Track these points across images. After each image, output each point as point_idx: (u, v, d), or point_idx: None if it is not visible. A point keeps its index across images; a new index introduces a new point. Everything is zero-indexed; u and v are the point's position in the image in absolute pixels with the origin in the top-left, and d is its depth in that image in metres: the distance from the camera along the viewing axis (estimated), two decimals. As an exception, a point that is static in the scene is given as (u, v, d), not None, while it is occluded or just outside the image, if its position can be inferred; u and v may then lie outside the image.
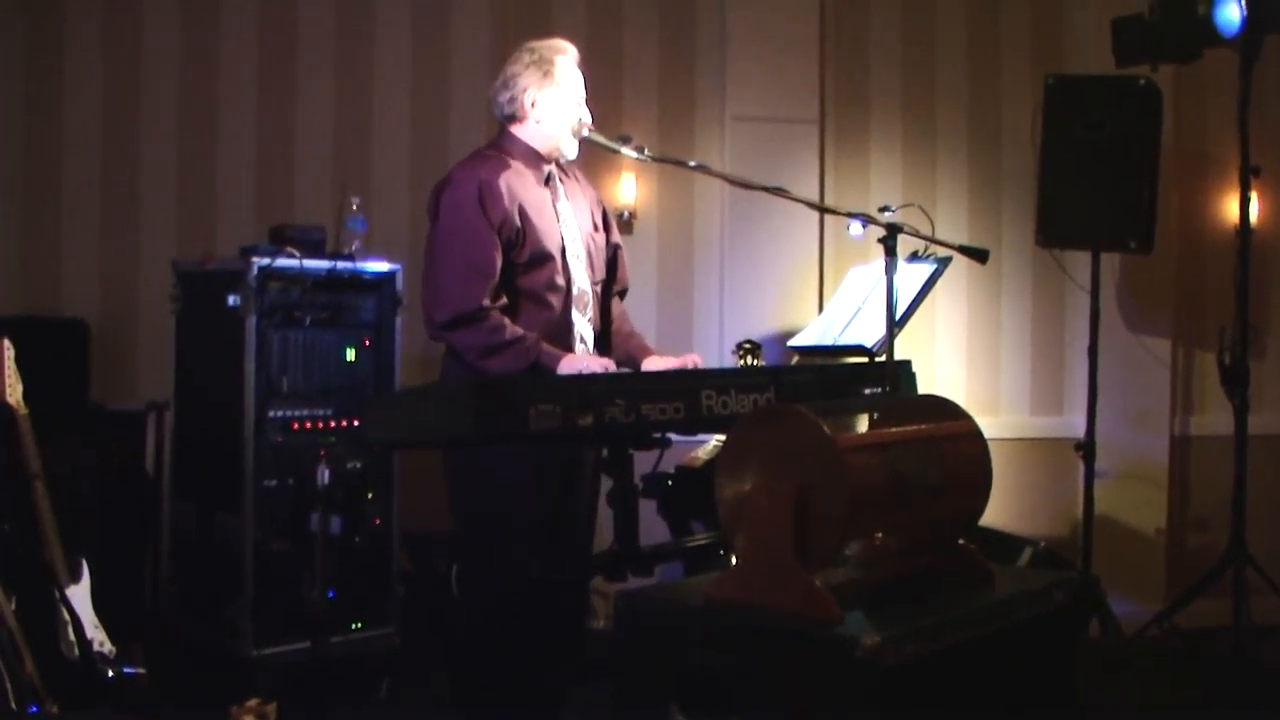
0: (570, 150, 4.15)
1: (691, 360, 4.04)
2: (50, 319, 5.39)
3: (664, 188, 6.09)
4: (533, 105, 4.10)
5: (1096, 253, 5.71)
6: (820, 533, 2.67)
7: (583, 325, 4.11)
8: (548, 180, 4.15)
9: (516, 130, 4.14)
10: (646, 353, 4.21)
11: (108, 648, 4.16)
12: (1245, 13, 5.32)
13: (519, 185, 4.03)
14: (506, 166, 4.04)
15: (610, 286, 4.34)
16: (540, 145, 4.12)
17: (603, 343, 4.23)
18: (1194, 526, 6.50)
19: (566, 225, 4.13)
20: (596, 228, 4.28)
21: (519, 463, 3.89)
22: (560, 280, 4.05)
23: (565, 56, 4.14)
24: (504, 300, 3.94)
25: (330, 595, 4.64)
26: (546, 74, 4.09)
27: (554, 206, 4.12)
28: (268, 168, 5.77)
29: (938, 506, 3.03)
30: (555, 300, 4.04)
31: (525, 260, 3.98)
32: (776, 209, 5.32)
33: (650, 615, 2.91)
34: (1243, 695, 5.25)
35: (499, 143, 4.17)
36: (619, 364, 4.10)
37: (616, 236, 4.40)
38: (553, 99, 4.09)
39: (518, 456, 3.88)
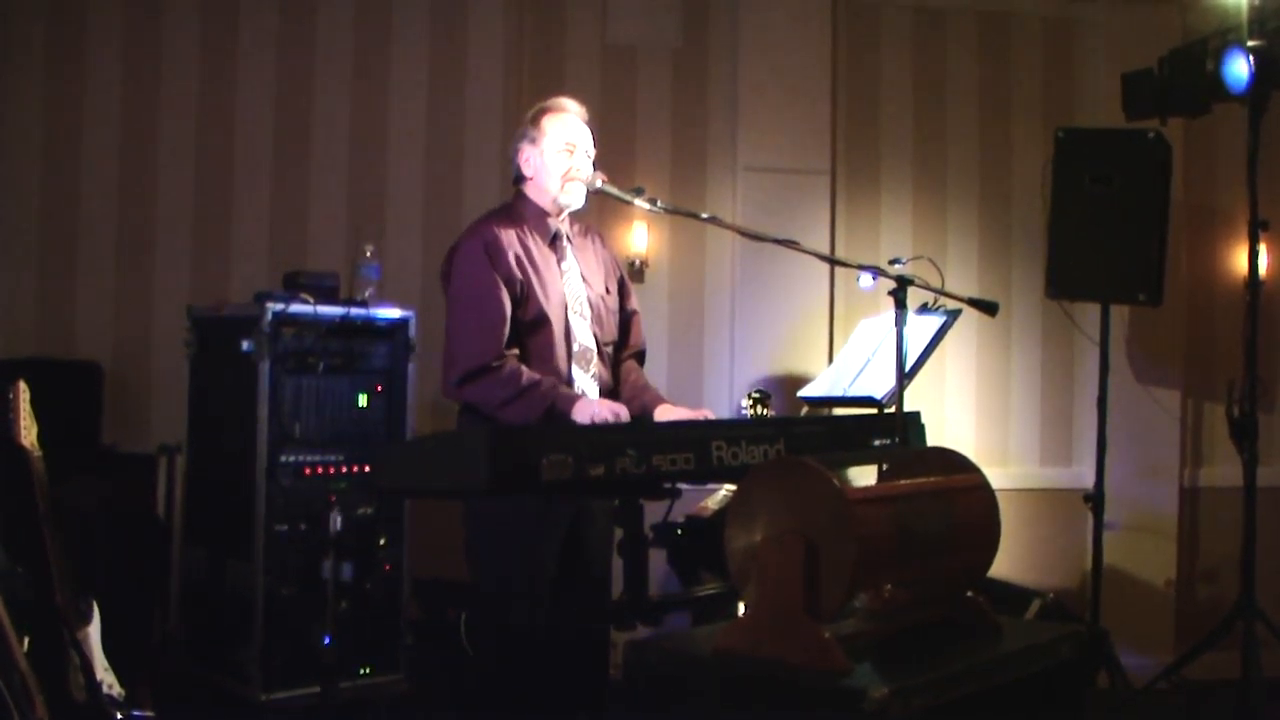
0: (571, 200, 4.20)
1: (703, 415, 4.07)
2: (64, 361, 5.42)
3: (675, 238, 6.13)
4: (526, 163, 4.20)
5: (1106, 305, 5.72)
6: (829, 584, 2.68)
7: (585, 381, 4.14)
8: (554, 239, 4.20)
9: (526, 190, 4.23)
10: (660, 402, 4.24)
11: (117, 691, 4.16)
12: (1253, 68, 5.35)
13: (522, 242, 4.10)
14: (511, 225, 4.13)
15: (622, 349, 4.38)
16: (543, 201, 4.19)
17: (611, 399, 4.25)
18: (1203, 579, 6.48)
19: (570, 283, 4.17)
20: (609, 290, 4.32)
21: (535, 513, 3.91)
22: (562, 337, 4.09)
23: (555, 113, 4.23)
24: (516, 351, 3.98)
25: (340, 641, 4.64)
26: (533, 130, 4.20)
27: (558, 265, 4.17)
28: (282, 214, 5.82)
29: (946, 559, 3.03)
30: (557, 356, 4.08)
31: (528, 317, 4.03)
32: (787, 260, 5.34)
33: (659, 665, 2.91)
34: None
35: (509, 203, 4.28)
36: (635, 417, 4.12)
37: (634, 303, 4.45)
38: (537, 154, 4.19)
39: (534, 506, 3.90)
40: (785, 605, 2.70)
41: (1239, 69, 5.45)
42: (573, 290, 4.18)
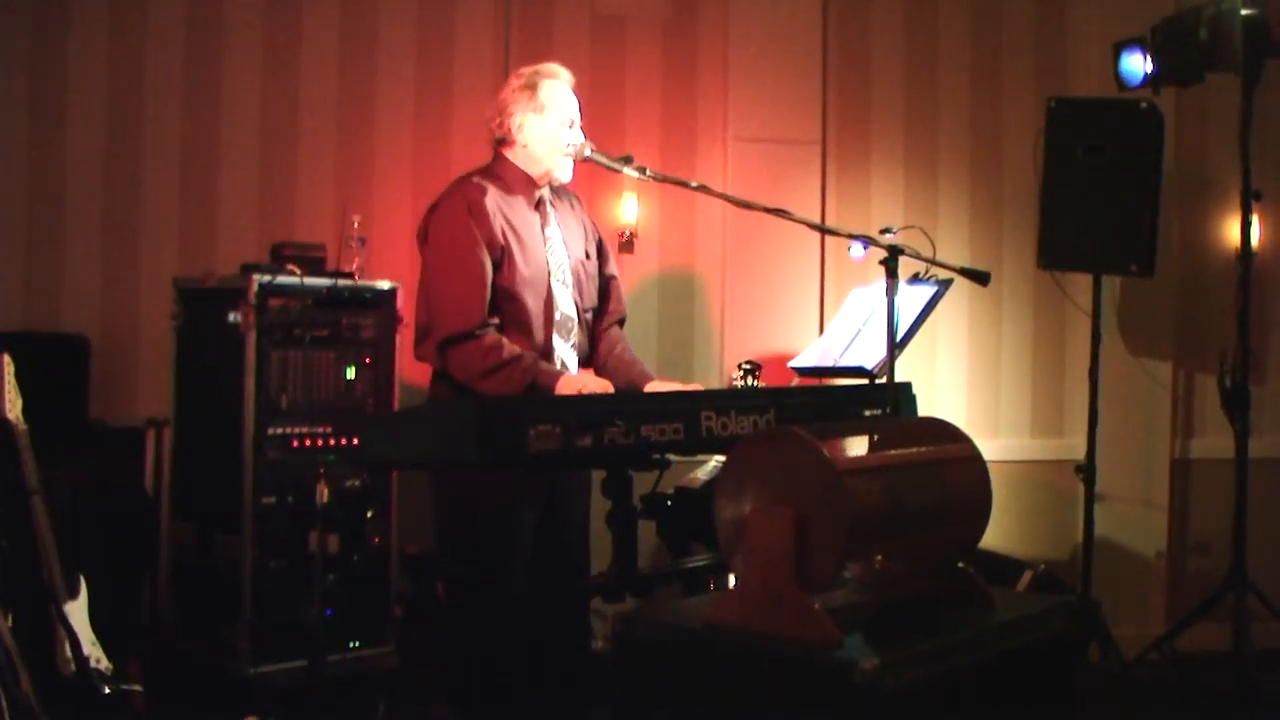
0: (562, 173, 4.17)
1: (692, 389, 4.06)
2: (50, 335, 5.39)
3: (665, 208, 6.09)
4: (519, 129, 4.14)
5: (1098, 276, 5.71)
6: (819, 556, 2.66)
7: (564, 350, 4.12)
8: (538, 205, 4.16)
9: (507, 153, 4.19)
10: (648, 379, 4.23)
11: (104, 665, 4.16)
12: (1246, 37, 5.33)
13: (506, 207, 4.06)
14: (494, 187, 4.08)
15: (602, 317, 4.35)
16: (530, 169, 4.15)
17: (589, 366, 4.24)
18: (1195, 550, 6.48)
19: (553, 250, 4.14)
20: (589, 256, 4.29)
21: (505, 481, 3.89)
22: (543, 304, 4.06)
23: (554, 80, 4.17)
24: (497, 320, 3.95)
25: (328, 614, 4.62)
26: (532, 98, 4.14)
27: (542, 231, 4.14)
28: (269, 185, 5.77)
29: (937, 530, 3.02)
30: (537, 324, 4.05)
31: (509, 282, 4.00)
32: (778, 230, 5.32)
33: (648, 637, 2.90)
34: (1243, 720, 5.25)
35: (490, 167, 4.21)
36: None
37: (613, 268, 4.42)
38: (538, 123, 4.13)
39: (502, 483, 3.88)
40: (775, 577, 2.68)
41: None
42: (555, 257, 4.15)
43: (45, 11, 5.55)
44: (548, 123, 4.14)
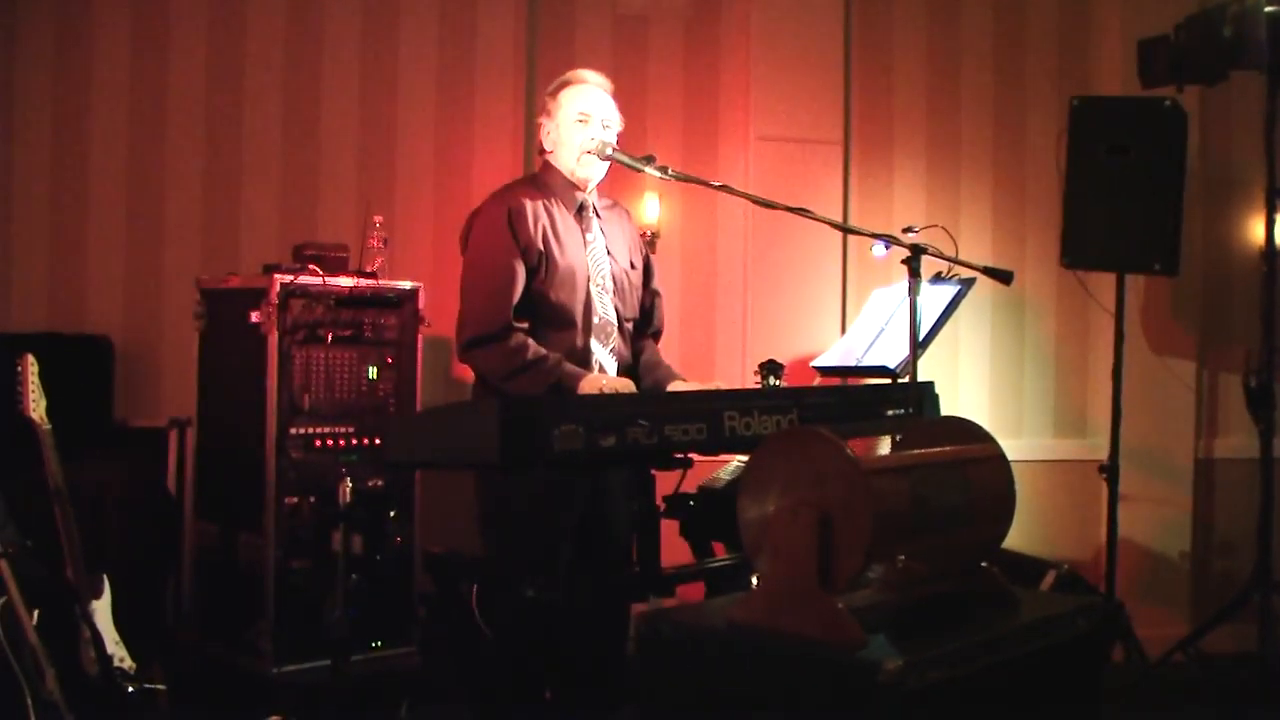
0: (589, 172, 4.18)
1: (714, 386, 4.06)
2: (74, 335, 5.41)
3: (688, 208, 6.09)
4: (546, 136, 4.22)
5: (1121, 274, 5.68)
6: (843, 555, 2.65)
7: (603, 355, 4.12)
8: (580, 210, 4.18)
9: (549, 160, 4.22)
10: (673, 378, 4.23)
11: (128, 664, 4.16)
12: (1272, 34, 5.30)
13: (548, 212, 4.09)
14: (538, 195, 4.12)
15: (644, 329, 4.37)
16: (568, 174, 4.17)
17: (629, 377, 4.23)
18: (1219, 550, 6.45)
19: (594, 255, 4.15)
20: (634, 266, 4.30)
21: (548, 488, 3.90)
22: (582, 308, 4.07)
23: (573, 85, 4.23)
24: (527, 324, 3.97)
25: (351, 614, 4.63)
26: (551, 105, 4.23)
27: (583, 236, 4.15)
28: (291, 186, 5.78)
29: (961, 529, 3.01)
30: (576, 328, 4.06)
31: (549, 286, 4.01)
32: (800, 229, 5.30)
33: (672, 637, 2.90)
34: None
35: (537, 174, 4.29)
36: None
37: (657, 286, 4.44)
38: (556, 129, 4.20)
39: (546, 481, 3.89)
40: (799, 577, 2.68)
41: None
42: (596, 262, 4.16)
43: (69, 16, 5.57)
44: (561, 124, 4.19)
